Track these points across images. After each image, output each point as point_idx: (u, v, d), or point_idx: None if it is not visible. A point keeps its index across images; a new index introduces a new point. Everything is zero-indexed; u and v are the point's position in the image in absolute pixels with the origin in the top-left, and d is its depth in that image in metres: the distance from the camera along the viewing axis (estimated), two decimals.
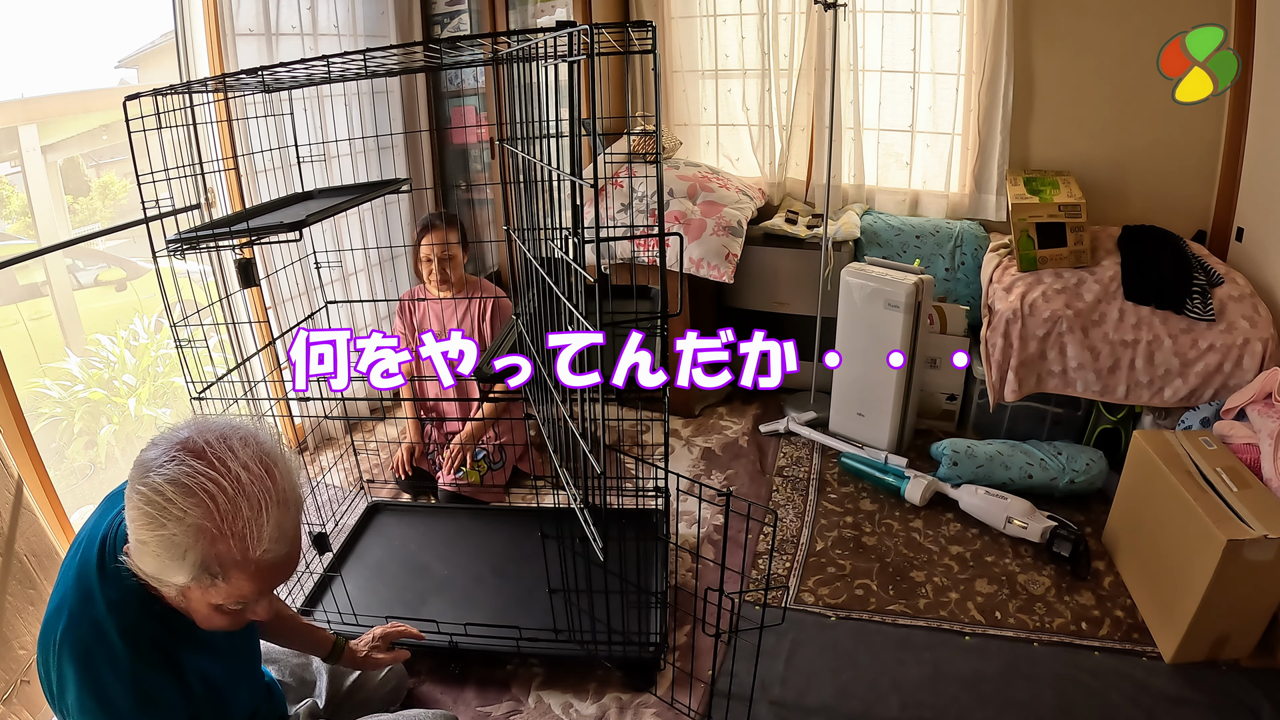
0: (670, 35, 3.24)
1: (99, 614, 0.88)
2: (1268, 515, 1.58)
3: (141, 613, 0.90)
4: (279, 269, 2.47)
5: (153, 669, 0.90)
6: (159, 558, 0.82)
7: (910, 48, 2.88)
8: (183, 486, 0.81)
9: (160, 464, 0.82)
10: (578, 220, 1.15)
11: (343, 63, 1.49)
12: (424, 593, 1.93)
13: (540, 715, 1.67)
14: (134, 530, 0.84)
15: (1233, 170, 2.52)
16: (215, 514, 0.81)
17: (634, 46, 1.23)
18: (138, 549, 0.84)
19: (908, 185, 3.10)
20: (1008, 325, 2.33)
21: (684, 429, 2.86)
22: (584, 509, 1.30)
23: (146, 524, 0.81)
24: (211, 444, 0.84)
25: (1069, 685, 1.67)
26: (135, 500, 0.82)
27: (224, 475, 0.82)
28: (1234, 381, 2.12)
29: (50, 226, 3.40)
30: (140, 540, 0.83)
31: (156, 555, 0.82)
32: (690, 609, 1.90)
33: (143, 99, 1.51)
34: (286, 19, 2.51)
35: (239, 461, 0.83)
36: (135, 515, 0.82)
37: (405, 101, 3.07)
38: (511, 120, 1.58)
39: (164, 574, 0.84)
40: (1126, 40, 2.58)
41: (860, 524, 2.27)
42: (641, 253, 2.72)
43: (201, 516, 0.81)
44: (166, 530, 0.81)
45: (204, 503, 0.81)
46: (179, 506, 0.80)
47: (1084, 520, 2.21)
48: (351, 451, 2.69)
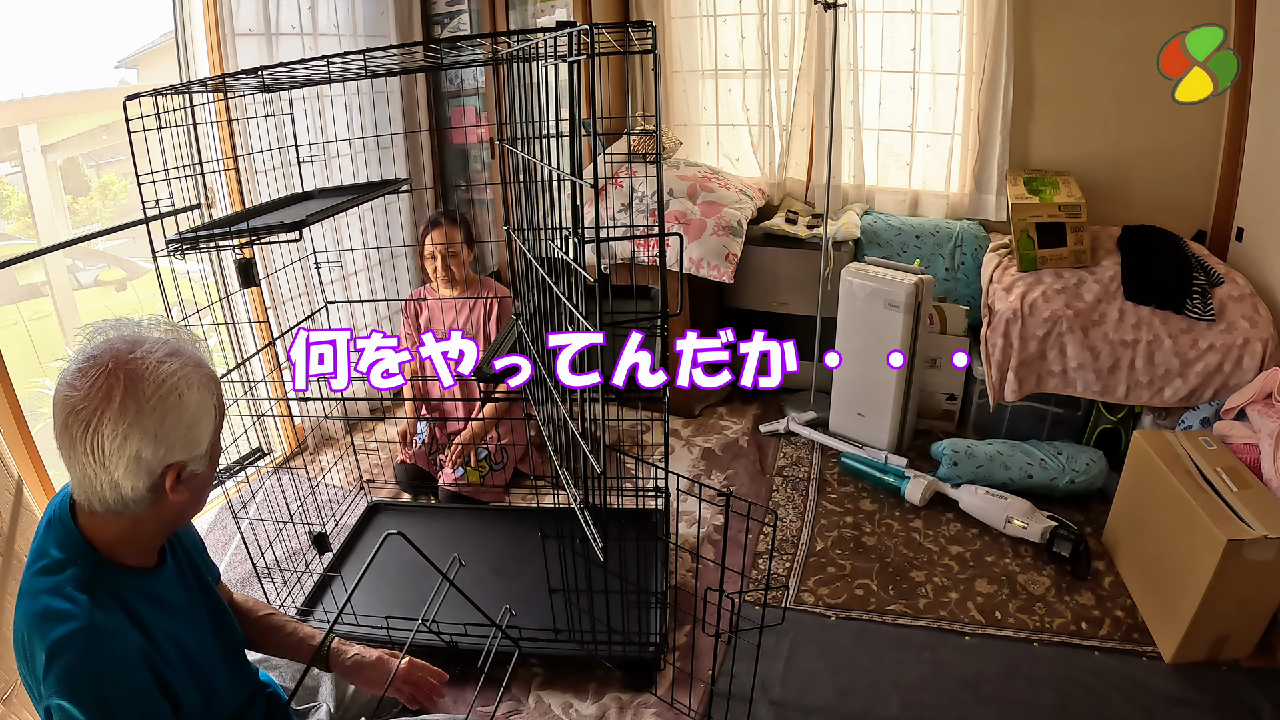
0: (670, 35, 3.24)
1: (57, 575, 0.87)
2: (1268, 515, 1.58)
3: (94, 567, 0.89)
4: (279, 269, 2.47)
5: (114, 617, 0.88)
6: (196, 426, 0.88)
7: (910, 48, 2.88)
8: (159, 368, 0.85)
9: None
10: (578, 220, 1.15)
11: (343, 63, 1.50)
12: (424, 593, 1.92)
13: (540, 715, 1.67)
14: (168, 438, 0.85)
15: (1233, 170, 2.52)
16: (194, 356, 0.89)
17: (634, 46, 1.23)
18: (166, 450, 0.86)
19: (908, 185, 3.10)
20: (1008, 325, 2.33)
21: (684, 429, 2.86)
22: (584, 509, 1.30)
23: (174, 412, 0.85)
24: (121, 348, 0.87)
25: (1069, 685, 1.67)
26: (155, 411, 0.84)
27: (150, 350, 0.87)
28: (1234, 381, 2.12)
29: (50, 226, 3.40)
30: (173, 437, 0.86)
31: (194, 425, 0.88)
32: (690, 609, 1.90)
33: (143, 99, 1.52)
34: (286, 19, 2.51)
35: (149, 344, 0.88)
36: (165, 419, 0.85)
37: (405, 101, 3.07)
38: (511, 120, 1.57)
39: (200, 442, 0.89)
40: (1126, 40, 2.58)
41: (860, 524, 2.27)
42: (641, 253, 2.72)
43: (184, 372, 0.87)
44: (190, 398, 0.87)
45: (182, 364, 0.87)
46: (168, 381, 0.85)
47: (1084, 520, 2.21)
48: (351, 451, 2.69)
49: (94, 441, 0.82)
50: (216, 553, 2.26)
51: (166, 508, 0.90)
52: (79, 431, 0.82)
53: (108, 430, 0.82)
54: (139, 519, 0.90)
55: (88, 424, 0.82)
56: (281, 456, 2.75)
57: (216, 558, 2.24)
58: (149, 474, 0.86)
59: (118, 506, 0.87)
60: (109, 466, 0.84)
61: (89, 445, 0.82)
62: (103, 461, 0.83)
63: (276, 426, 2.75)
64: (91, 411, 0.82)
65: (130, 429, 0.83)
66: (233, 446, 1.76)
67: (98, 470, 0.84)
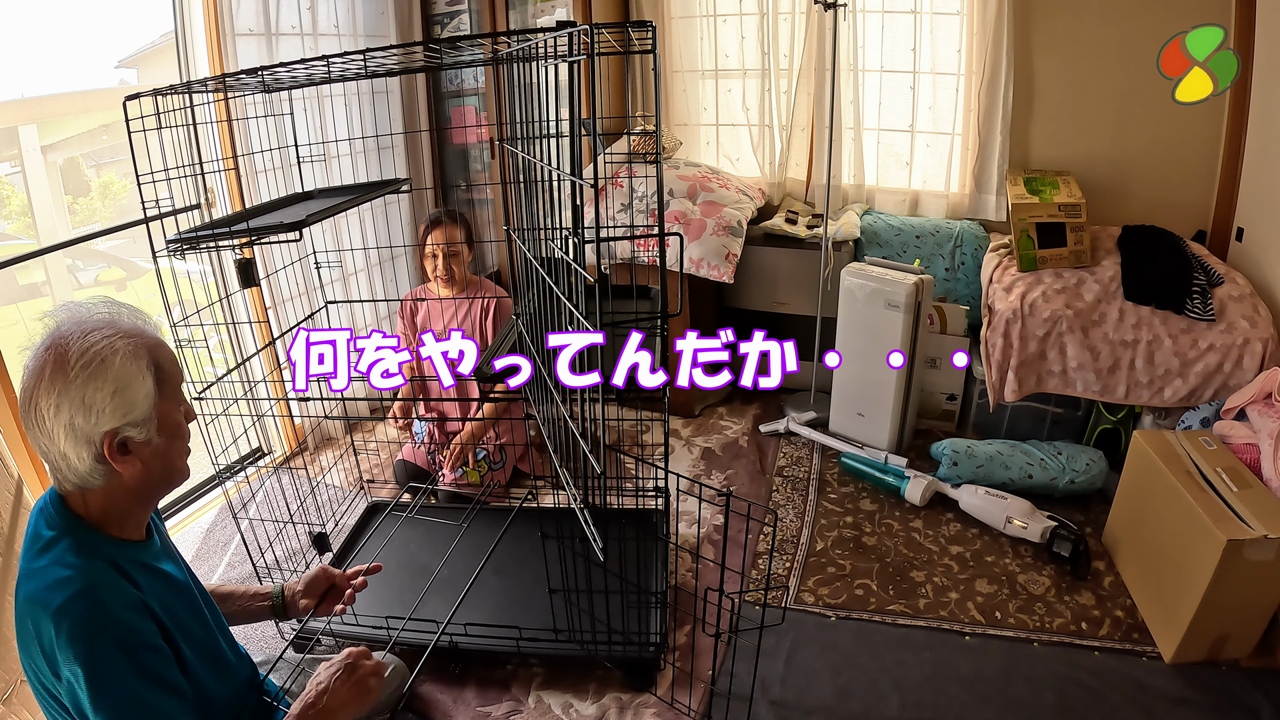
0: (670, 35, 3.24)
1: (51, 549, 0.91)
2: (1268, 515, 1.58)
3: (86, 535, 0.93)
4: (279, 269, 2.47)
5: (111, 576, 0.91)
6: (125, 391, 0.90)
7: (910, 48, 2.88)
8: (85, 339, 0.90)
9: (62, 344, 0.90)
10: (578, 220, 1.15)
11: (343, 63, 1.49)
12: (424, 593, 1.93)
13: (540, 715, 1.67)
14: (95, 405, 0.89)
15: (1233, 170, 2.52)
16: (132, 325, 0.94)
17: (634, 46, 1.23)
18: (96, 417, 0.89)
19: (908, 185, 3.10)
20: (1008, 325, 2.33)
21: (684, 429, 2.86)
22: (584, 509, 1.30)
23: (97, 379, 0.88)
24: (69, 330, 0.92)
25: (1069, 685, 1.67)
26: (79, 379, 0.88)
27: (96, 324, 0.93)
28: (1234, 381, 2.12)
29: (50, 226, 3.40)
30: (100, 403, 0.89)
31: (123, 391, 0.90)
32: (690, 609, 1.90)
33: (143, 99, 1.51)
34: (286, 19, 2.51)
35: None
36: (88, 387, 0.88)
37: (405, 101, 3.07)
38: (511, 120, 1.57)
39: (132, 409, 0.91)
40: (1126, 40, 2.58)
41: (860, 524, 2.27)
42: (641, 253, 2.72)
43: (124, 333, 0.92)
44: (115, 365, 0.90)
45: (117, 325, 0.93)
46: (91, 349, 0.89)
47: (1084, 520, 2.21)
48: (351, 451, 2.69)
49: (36, 414, 0.88)
50: (216, 553, 2.26)
51: (125, 479, 0.94)
52: (26, 408, 0.89)
53: (43, 402, 0.88)
54: (110, 492, 0.94)
55: (29, 399, 0.89)
56: (281, 456, 2.75)
57: (216, 558, 2.25)
58: (89, 442, 0.90)
59: (79, 480, 0.92)
60: (54, 438, 0.89)
61: (34, 419, 0.89)
62: (48, 433, 0.89)
63: (276, 426, 2.76)
64: (31, 388, 0.88)
65: (60, 398, 0.88)
66: (233, 446, 1.75)
67: (48, 444, 0.89)
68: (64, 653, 0.84)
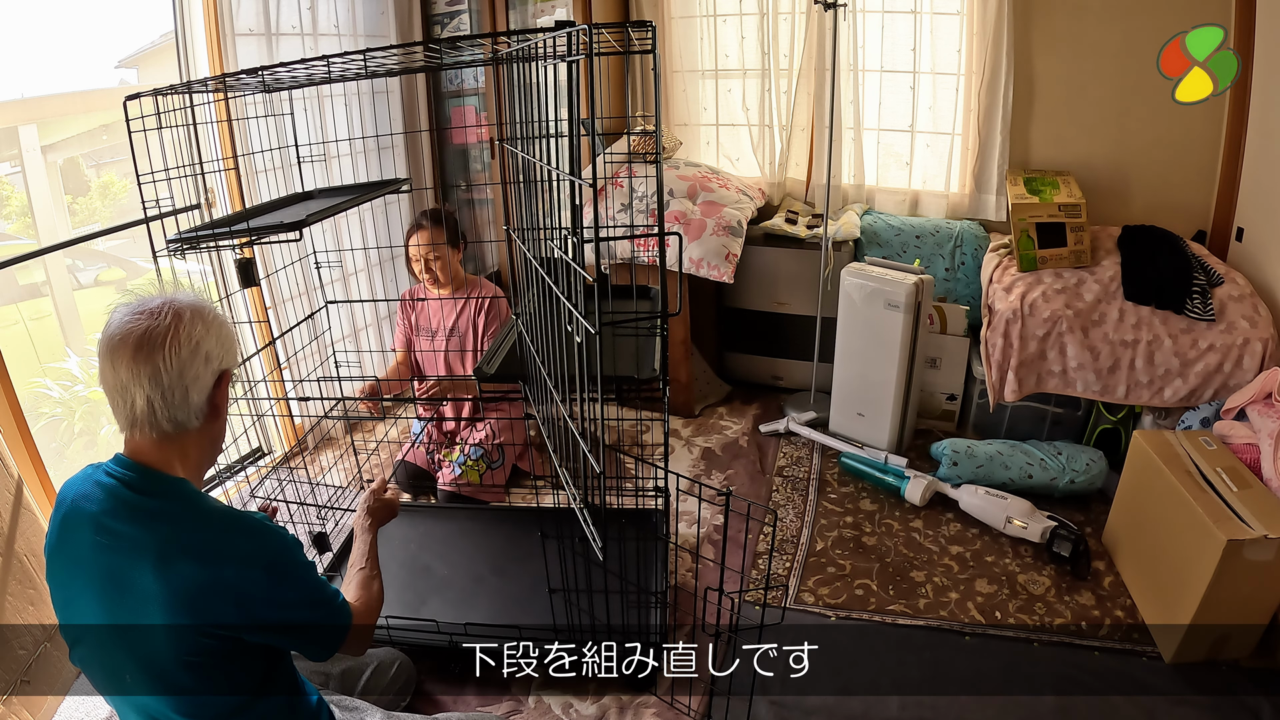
0: (670, 35, 3.24)
1: (184, 498, 1.00)
2: (1268, 515, 1.58)
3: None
4: (279, 269, 2.47)
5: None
6: (223, 344, 1.02)
7: (910, 48, 2.88)
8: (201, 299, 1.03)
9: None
10: (577, 220, 1.15)
11: (343, 63, 1.50)
12: (424, 593, 1.93)
13: (540, 715, 1.67)
14: (225, 342, 1.02)
15: (1233, 170, 2.52)
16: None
17: (634, 46, 1.24)
18: (224, 354, 1.02)
19: (908, 185, 3.10)
20: (1008, 325, 2.33)
21: (684, 429, 2.86)
22: (584, 509, 1.30)
23: (227, 324, 1.03)
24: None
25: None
26: (218, 320, 1.02)
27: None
28: (1234, 381, 2.12)
29: (50, 226, 3.40)
30: (228, 342, 1.03)
31: (236, 342, 1.06)
32: (690, 609, 1.90)
33: (143, 99, 1.52)
34: (286, 19, 2.51)
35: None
36: (225, 327, 1.02)
37: (405, 101, 3.07)
38: (511, 120, 1.57)
39: (236, 360, 1.05)
40: (1126, 40, 2.58)
41: (860, 524, 2.27)
42: (641, 253, 2.72)
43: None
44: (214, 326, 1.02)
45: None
46: (211, 307, 1.03)
47: (1084, 520, 2.21)
48: (351, 451, 2.69)
49: (171, 349, 0.96)
50: None
51: (213, 429, 1.04)
52: (156, 346, 0.95)
53: (185, 335, 0.97)
54: (185, 443, 1.01)
55: (165, 337, 0.96)
56: (281, 456, 2.75)
57: None
58: (212, 375, 1.00)
59: (182, 420, 0.99)
60: (184, 373, 0.97)
61: (167, 353, 0.95)
62: (180, 367, 0.96)
63: (276, 426, 2.75)
64: (167, 327, 0.96)
65: (204, 333, 0.99)
66: (233, 446, 1.75)
67: (174, 380, 0.96)
68: (269, 552, 1.02)
